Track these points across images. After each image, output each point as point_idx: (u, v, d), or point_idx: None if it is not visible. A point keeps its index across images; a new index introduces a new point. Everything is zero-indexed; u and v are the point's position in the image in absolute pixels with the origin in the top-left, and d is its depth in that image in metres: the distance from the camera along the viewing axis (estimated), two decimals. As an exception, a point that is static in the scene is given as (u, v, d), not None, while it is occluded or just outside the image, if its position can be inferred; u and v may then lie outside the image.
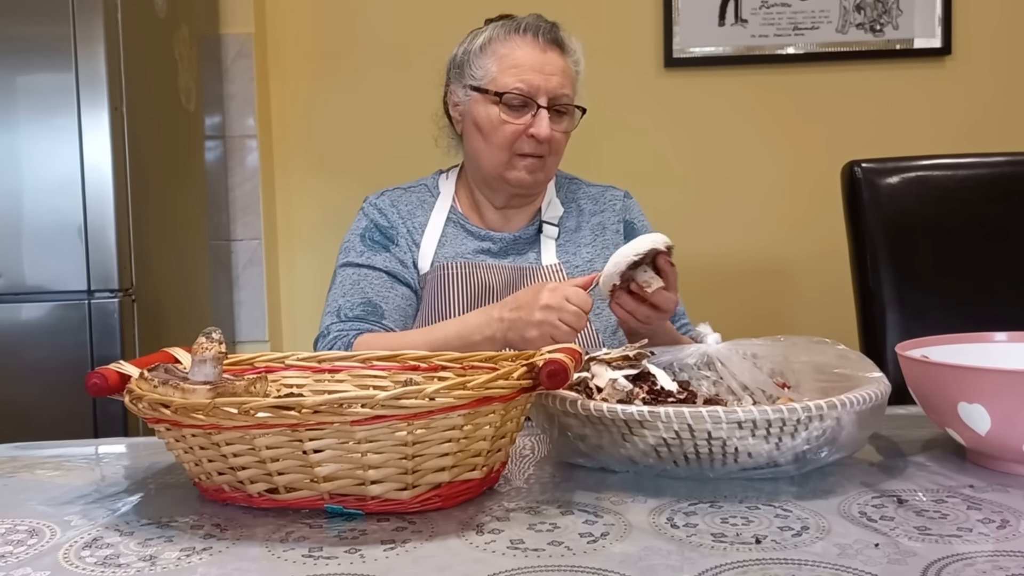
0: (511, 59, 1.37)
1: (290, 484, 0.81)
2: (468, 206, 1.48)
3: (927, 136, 2.28)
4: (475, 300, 1.37)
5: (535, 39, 1.38)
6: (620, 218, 1.50)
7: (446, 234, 1.44)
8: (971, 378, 0.86)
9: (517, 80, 1.35)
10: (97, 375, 0.88)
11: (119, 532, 0.79)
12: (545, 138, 1.35)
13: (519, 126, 1.36)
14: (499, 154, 1.38)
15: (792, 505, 0.80)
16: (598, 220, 1.49)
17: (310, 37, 2.38)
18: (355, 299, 1.37)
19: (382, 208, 1.46)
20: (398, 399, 0.75)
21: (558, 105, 1.37)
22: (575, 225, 1.48)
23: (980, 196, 1.57)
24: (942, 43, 2.28)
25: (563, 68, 1.38)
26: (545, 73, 1.36)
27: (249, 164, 2.31)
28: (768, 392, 1.03)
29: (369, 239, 1.43)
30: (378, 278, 1.39)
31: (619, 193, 1.53)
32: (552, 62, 1.37)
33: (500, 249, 1.44)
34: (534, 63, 1.36)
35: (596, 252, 1.46)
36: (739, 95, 2.33)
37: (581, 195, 1.52)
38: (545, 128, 1.35)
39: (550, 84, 1.36)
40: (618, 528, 0.76)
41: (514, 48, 1.37)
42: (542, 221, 1.46)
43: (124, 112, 1.75)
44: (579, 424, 0.90)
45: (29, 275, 1.72)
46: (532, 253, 1.45)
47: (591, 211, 1.50)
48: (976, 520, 0.76)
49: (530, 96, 1.35)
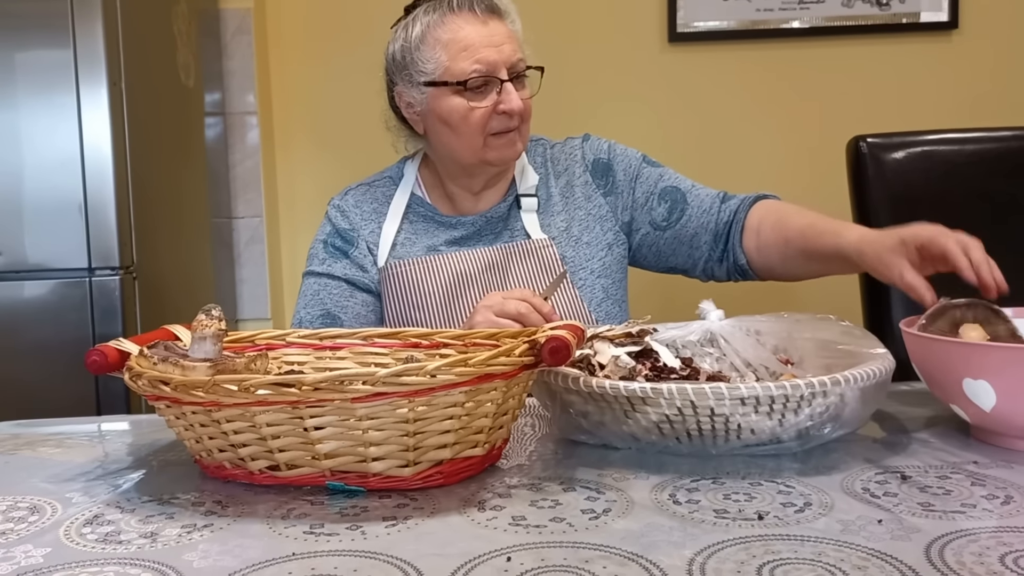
0: (457, 42, 1.30)
1: (291, 461, 0.81)
2: (438, 196, 1.43)
3: (933, 111, 2.26)
4: (449, 291, 1.34)
5: (472, 12, 1.30)
6: (585, 167, 1.43)
7: (415, 230, 1.40)
8: (977, 354, 0.86)
9: (473, 62, 1.28)
10: (97, 352, 0.87)
11: (120, 509, 0.79)
12: (519, 109, 1.30)
13: (487, 107, 1.30)
14: (473, 140, 1.32)
15: (795, 481, 0.80)
16: (565, 180, 1.43)
17: (310, 12, 2.36)
18: (315, 311, 1.37)
19: (344, 210, 1.43)
20: (399, 376, 0.75)
21: (518, 72, 1.31)
22: (545, 194, 1.42)
23: (986, 171, 1.55)
24: (949, 17, 2.25)
25: (508, 33, 1.32)
26: (495, 45, 1.29)
27: (250, 141, 2.30)
28: (771, 368, 1.02)
29: (331, 246, 1.41)
30: (337, 287, 1.38)
31: (576, 141, 1.47)
32: (497, 31, 1.31)
33: (473, 233, 1.39)
34: (481, 39, 1.29)
35: (570, 216, 1.40)
36: (744, 70, 2.31)
37: (548, 159, 1.45)
38: (516, 101, 1.29)
39: (503, 55, 1.29)
40: (620, 505, 0.76)
41: (455, 29, 1.30)
42: (519, 195, 1.41)
43: (123, 89, 1.74)
44: (581, 401, 0.89)
45: (30, 253, 1.72)
46: (507, 231, 1.40)
47: (556, 173, 1.44)
48: (980, 496, 0.76)
49: (490, 74, 1.30)
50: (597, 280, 1.38)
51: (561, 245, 1.38)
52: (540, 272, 1.36)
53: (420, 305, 1.35)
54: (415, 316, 1.35)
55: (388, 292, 1.37)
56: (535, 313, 1.13)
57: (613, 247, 1.40)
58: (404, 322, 1.36)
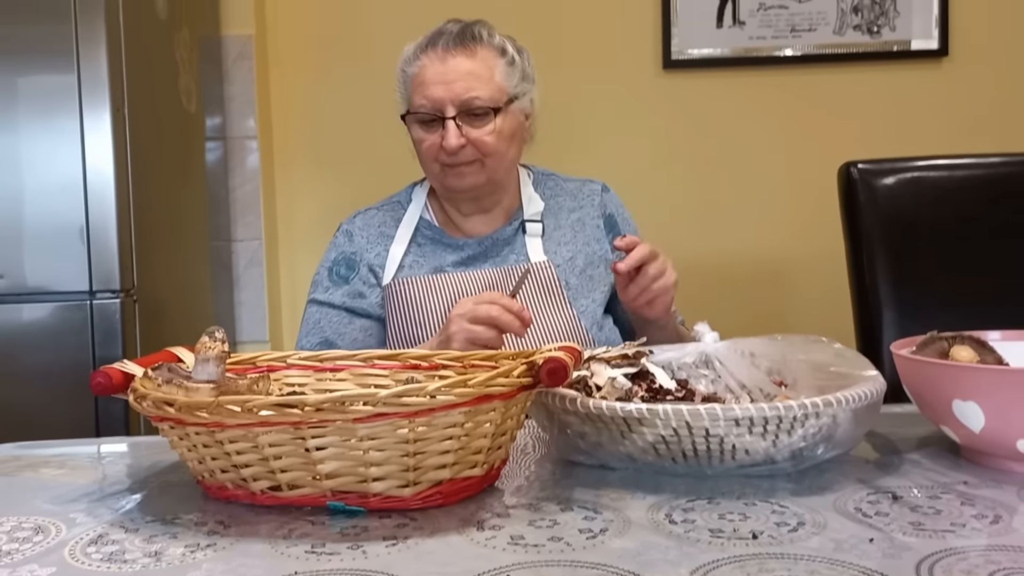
0: (418, 78, 1.36)
1: (293, 481, 0.82)
2: (444, 219, 1.47)
3: (925, 137, 2.29)
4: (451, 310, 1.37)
5: (434, 50, 1.36)
6: (600, 213, 1.48)
7: (423, 252, 1.43)
8: (965, 376, 0.87)
9: (421, 98, 1.35)
10: (101, 374, 0.89)
11: (124, 529, 0.80)
12: (454, 148, 1.33)
13: (435, 141, 1.35)
14: (431, 168, 1.39)
15: (789, 501, 0.81)
16: (577, 216, 1.47)
17: (310, 38, 2.39)
18: (314, 339, 1.40)
19: (351, 233, 1.46)
20: (400, 397, 0.76)
21: (472, 110, 1.34)
22: (554, 223, 1.46)
23: (977, 197, 1.58)
24: (939, 45, 2.29)
25: (471, 70, 1.34)
26: (447, 82, 1.33)
27: (249, 165, 2.32)
28: (766, 390, 1.04)
29: (335, 273, 1.44)
30: (336, 315, 1.41)
31: (597, 187, 1.51)
32: (455, 68, 1.34)
33: (479, 254, 1.42)
34: (435, 76, 1.34)
35: (577, 249, 1.44)
36: (737, 96, 2.34)
37: (559, 191, 1.49)
38: (452, 139, 1.33)
39: (452, 92, 1.33)
40: (617, 524, 0.77)
41: (420, 66, 1.37)
42: (524, 220, 1.44)
43: (126, 113, 1.76)
44: (579, 422, 0.90)
45: (31, 276, 1.73)
46: (512, 254, 1.43)
47: (570, 207, 1.48)
48: (970, 516, 0.77)
49: (435, 111, 1.34)
50: (599, 308, 1.40)
51: (565, 272, 1.41)
52: (539, 294, 1.38)
53: (423, 322, 1.37)
54: (418, 333, 1.37)
55: (393, 310, 1.39)
56: (507, 313, 1.15)
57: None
58: (407, 338, 1.38)
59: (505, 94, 1.37)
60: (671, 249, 1.60)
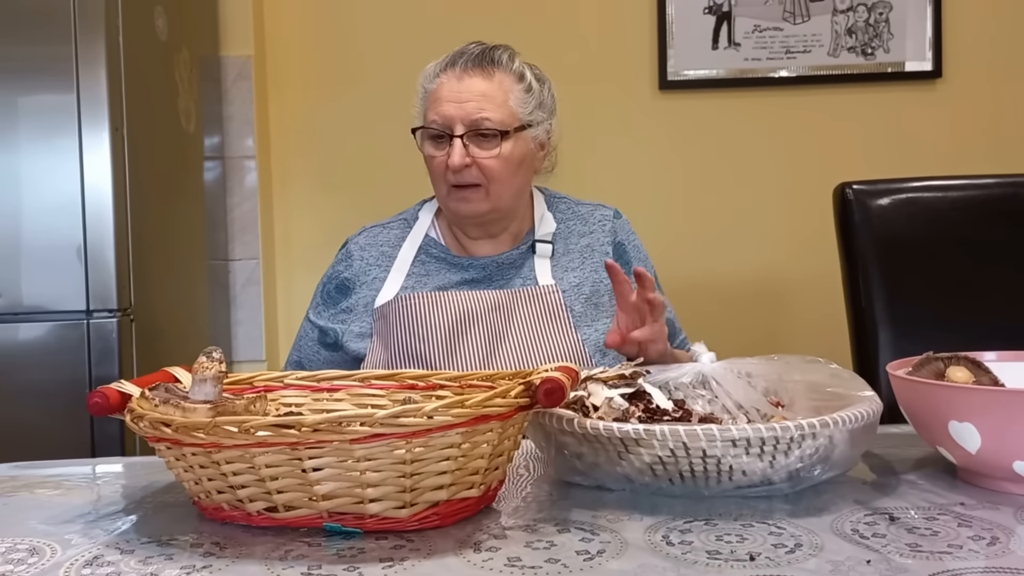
0: (434, 95, 1.38)
1: (289, 502, 0.81)
2: (452, 239, 1.46)
3: (919, 157, 2.31)
4: (453, 328, 1.36)
5: (453, 69, 1.37)
6: (610, 239, 1.47)
7: (427, 270, 1.43)
8: (961, 397, 0.88)
9: (434, 113, 1.36)
10: (99, 394, 0.89)
11: (119, 550, 0.79)
12: (456, 166, 1.33)
13: (442, 158, 1.36)
14: (439, 187, 1.40)
15: (786, 523, 0.81)
16: (587, 242, 1.46)
17: (309, 59, 2.41)
18: (293, 356, 1.48)
19: (352, 255, 1.46)
20: (397, 417, 0.76)
21: (480, 130, 1.34)
22: (563, 248, 1.45)
23: (970, 217, 1.59)
24: (933, 66, 2.31)
25: (484, 91, 1.35)
26: (460, 101, 1.34)
27: (248, 184, 2.33)
28: (762, 411, 1.04)
29: (327, 292, 1.47)
30: (311, 341, 1.46)
31: (608, 212, 1.50)
32: (470, 88, 1.35)
33: (484, 276, 1.42)
34: (450, 94, 1.35)
35: (585, 275, 1.43)
36: (733, 117, 2.36)
37: (571, 214, 1.49)
38: (456, 157, 1.33)
39: (463, 111, 1.34)
40: (614, 546, 0.77)
41: (438, 84, 1.38)
42: (535, 240, 1.44)
43: (125, 133, 1.77)
44: (576, 442, 0.91)
45: (28, 295, 1.73)
46: (518, 278, 1.42)
47: (580, 232, 1.47)
48: (967, 537, 0.77)
49: (444, 127, 1.35)
50: (601, 336, 1.40)
51: (571, 299, 1.40)
52: (543, 317, 1.38)
53: (426, 338, 1.36)
54: (419, 348, 1.36)
55: (394, 325, 1.38)
56: None
57: None
58: (408, 353, 1.37)
59: (517, 120, 1.37)
60: (668, 269, 1.62)
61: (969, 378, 0.94)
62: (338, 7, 2.40)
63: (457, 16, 2.34)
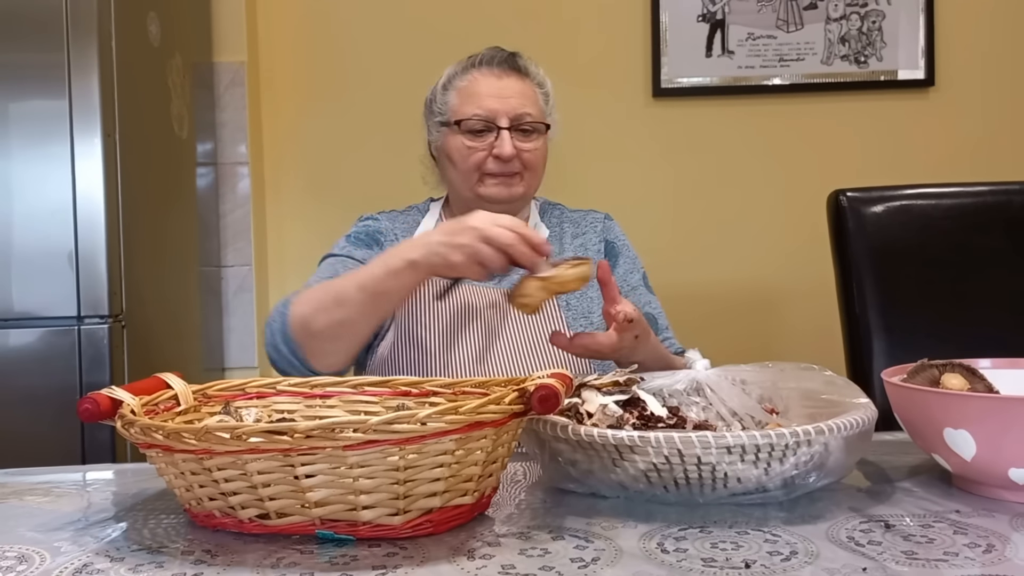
0: (468, 90, 1.43)
1: (281, 509, 0.81)
2: None
3: (912, 165, 2.32)
4: (454, 319, 1.38)
5: (489, 68, 1.44)
6: (601, 238, 1.53)
7: None
8: (956, 404, 0.87)
9: (475, 107, 1.41)
10: (89, 400, 0.88)
11: (109, 558, 0.78)
12: (509, 156, 1.40)
13: (483, 150, 1.41)
14: (469, 177, 1.43)
15: (781, 530, 0.81)
16: (580, 242, 1.52)
17: (302, 65, 2.41)
18: (323, 277, 1.36)
19: (375, 219, 1.51)
20: (390, 424, 0.75)
21: (522, 124, 1.41)
22: (558, 249, 1.50)
23: (964, 224, 1.59)
24: (925, 75, 2.33)
25: (521, 90, 1.43)
26: (502, 97, 1.41)
27: (240, 191, 2.32)
28: (757, 418, 1.04)
29: (355, 238, 1.47)
30: (353, 265, 1.38)
31: (599, 216, 1.57)
32: (509, 86, 1.43)
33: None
34: (491, 90, 1.42)
35: None
36: (727, 125, 2.36)
37: (564, 220, 1.55)
38: (507, 147, 1.40)
39: (507, 105, 1.41)
40: (609, 553, 0.76)
41: (472, 81, 1.44)
42: None
43: (117, 140, 1.76)
44: (570, 449, 0.90)
45: (18, 301, 1.72)
46: (517, 275, 1.45)
47: (573, 234, 1.53)
48: (962, 545, 0.77)
49: (489, 119, 1.40)
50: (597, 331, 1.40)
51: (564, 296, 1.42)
52: (537, 317, 1.40)
53: (427, 324, 1.38)
54: (420, 333, 1.38)
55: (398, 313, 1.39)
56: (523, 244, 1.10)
57: None
58: (410, 336, 1.38)
59: (544, 119, 1.46)
60: (662, 276, 1.62)
61: (964, 385, 0.94)
62: (332, 14, 2.40)
63: (451, 24, 2.34)
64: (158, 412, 0.93)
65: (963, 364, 0.96)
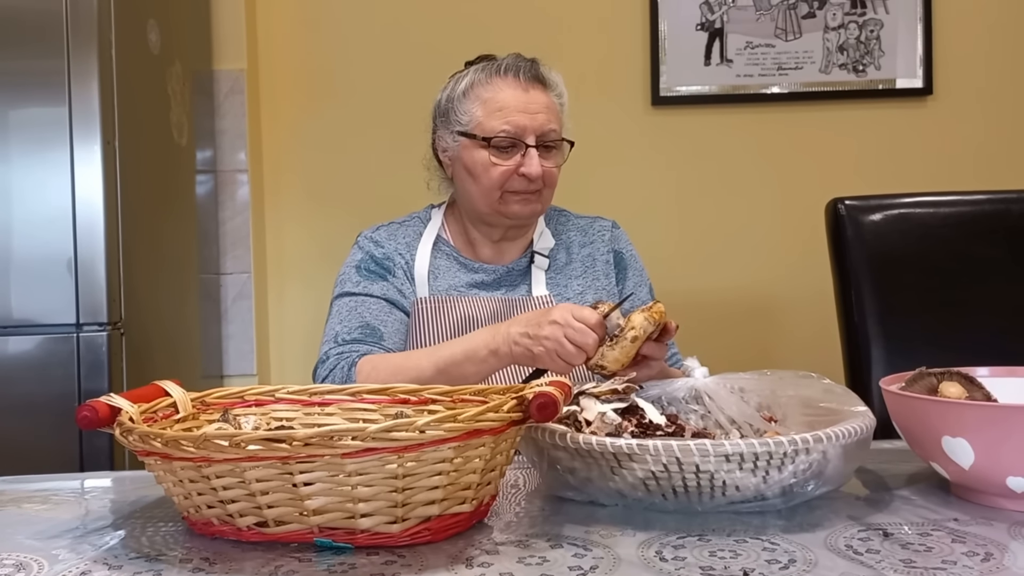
0: (495, 102, 1.39)
1: (280, 517, 0.81)
2: (462, 242, 1.49)
3: (910, 174, 2.32)
4: (458, 332, 1.38)
5: (516, 79, 1.40)
6: (609, 248, 1.51)
7: (438, 266, 1.45)
8: (954, 412, 0.88)
9: (503, 123, 1.37)
10: (88, 408, 0.88)
11: (107, 566, 0.78)
12: (536, 176, 1.38)
13: (509, 167, 1.38)
14: (491, 194, 1.40)
15: (779, 538, 0.81)
16: (588, 252, 1.51)
17: (302, 73, 2.41)
18: (352, 323, 1.36)
19: (378, 240, 1.47)
20: (389, 432, 0.76)
21: (547, 141, 1.39)
22: (565, 258, 1.49)
23: (962, 233, 1.59)
24: (923, 83, 2.33)
25: (547, 104, 1.40)
26: (530, 112, 1.38)
27: (240, 198, 2.33)
28: (755, 426, 1.04)
29: (365, 270, 1.43)
30: (376, 304, 1.39)
31: (607, 224, 1.55)
32: (536, 100, 1.39)
33: (493, 281, 1.45)
34: (518, 103, 1.38)
35: (587, 284, 1.47)
36: (725, 133, 2.37)
37: (570, 227, 1.54)
38: (535, 167, 1.37)
39: (536, 122, 1.38)
40: (607, 561, 0.76)
41: (497, 90, 1.39)
42: (533, 252, 1.48)
43: (116, 147, 1.77)
44: (568, 457, 0.90)
45: (17, 308, 1.72)
46: (524, 285, 1.46)
47: (580, 243, 1.52)
48: (961, 553, 0.77)
49: (517, 137, 1.37)
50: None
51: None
52: None
53: (431, 341, 1.38)
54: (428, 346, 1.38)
55: (416, 323, 1.40)
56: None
57: None
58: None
59: (565, 136, 1.44)
60: (661, 284, 1.62)
61: (962, 393, 0.94)
62: (331, 21, 2.40)
63: (449, 32, 2.35)
64: (156, 420, 0.93)
65: (961, 372, 0.97)
